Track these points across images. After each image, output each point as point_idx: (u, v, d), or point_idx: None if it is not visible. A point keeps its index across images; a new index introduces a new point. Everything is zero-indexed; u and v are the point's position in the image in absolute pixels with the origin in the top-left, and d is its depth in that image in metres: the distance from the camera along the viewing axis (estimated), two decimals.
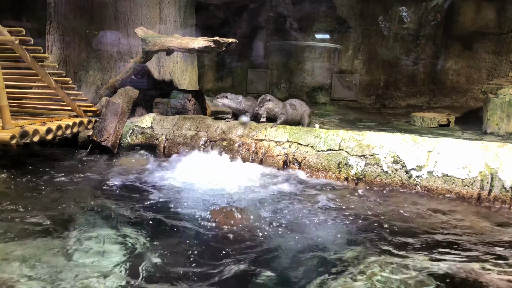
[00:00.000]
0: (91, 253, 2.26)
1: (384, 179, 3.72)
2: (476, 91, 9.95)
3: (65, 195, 3.23)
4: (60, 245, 2.33)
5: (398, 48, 10.83)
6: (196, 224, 2.71)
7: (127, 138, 4.79)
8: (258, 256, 2.28)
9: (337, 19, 11.14)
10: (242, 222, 2.77)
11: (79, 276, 2.01)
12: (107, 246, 2.36)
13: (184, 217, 2.83)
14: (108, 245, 2.37)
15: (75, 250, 2.28)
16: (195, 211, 2.94)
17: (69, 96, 4.54)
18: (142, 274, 2.06)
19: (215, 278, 2.04)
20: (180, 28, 6.26)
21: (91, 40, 5.57)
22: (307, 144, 4.11)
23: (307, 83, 11.56)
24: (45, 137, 4.03)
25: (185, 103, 5.19)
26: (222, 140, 4.45)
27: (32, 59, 3.98)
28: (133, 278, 2.02)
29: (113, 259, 2.21)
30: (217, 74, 12.04)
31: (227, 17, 11.43)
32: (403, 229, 2.75)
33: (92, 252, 2.27)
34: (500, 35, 9.78)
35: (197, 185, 3.56)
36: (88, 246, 2.34)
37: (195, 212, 2.91)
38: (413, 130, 6.78)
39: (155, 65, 5.87)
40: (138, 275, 2.05)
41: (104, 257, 2.23)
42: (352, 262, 2.23)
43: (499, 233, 2.75)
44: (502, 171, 3.40)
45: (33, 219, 2.67)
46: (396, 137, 3.90)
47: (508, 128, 6.13)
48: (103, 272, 2.06)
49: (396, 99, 10.96)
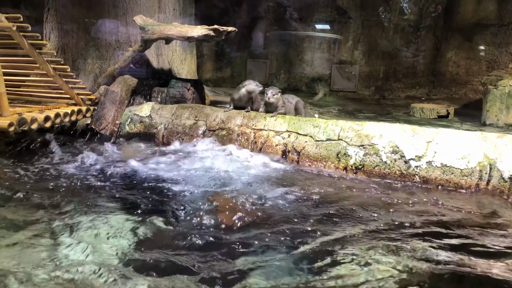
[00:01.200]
0: (83, 242, 2.27)
1: (383, 169, 3.72)
2: (475, 82, 9.93)
3: (60, 182, 3.22)
4: (52, 231, 2.33)
5: (398, 39, 10.78)
6: (194, 208, 2.72)
7: (126, 126, 4.78)
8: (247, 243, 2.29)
9: (337, 10, 11.07)
10: (239, 208, 2.77)
11: (73, 264, 2.01)
12: (100, 233, 2.36)
13: (182, 200, 2.84)
14: (101, 231, 2.37)
15: (67, 235, 2.28)
16: (193, 195, 2.94)
17: (67, 84, 4.52)
18: (136, 261, 2.07)
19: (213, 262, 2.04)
20: (179, 17, 6.21)
21: (90, 28, 5.53)
22: (306, 134, 4.10)
23: (307, 73, 11.52)
24: (43, 125, 4.02)
25: (184, 92, 5.17)
26: (221, 129, 4.44)
27: (30, 46, 3.95)
28: (126, 265, 2.03)
29: (106, 245, 2.21)
30: (216, 64, 11.98)
31: (226, 7, 11.35)
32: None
33: (84, 240, 2.28)
34: (501, 27, 9.74)
35: (191, 171, 3.56)
36: (79, 235, 2.33)
37: (193, 196, 2.91)
38: (412, 121, 6.77)
39: (154, 54, 5.84)
40: (132, 260, 2.06)
41: (96, 242, 2.23)
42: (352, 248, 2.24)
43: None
44: (500, 161, 3.40)
45: (24, 210, 2.67)
46: (395, 127, 3.89)
47: (507, 119, 6.13)
48: (96, 261, 2.07)
49: (395, 90, 10.93)
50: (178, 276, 1.94)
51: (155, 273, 1.95)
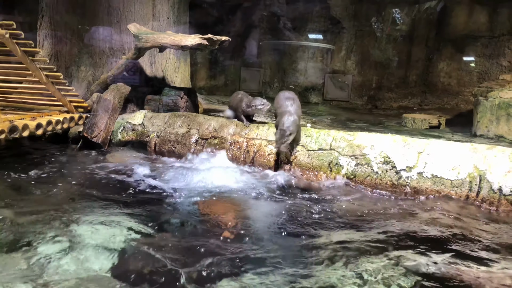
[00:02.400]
0: (76, 249, 2.25)
1: (374, 179, 3.74)
2: (467, 93, 10.05)
3: (52, 190, 3.21)
4: (44, 238, 2.31)
5: (390, 49, 10.89)
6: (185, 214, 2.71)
7: (118, 134, 4.77)
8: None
9: (331, 20, 11.17)
10: (231, 213, 2.77)
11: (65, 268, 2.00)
12: (92, 239, 2.35)
13: (174, 207, 2.83)
14: (93, 238, 2.36)
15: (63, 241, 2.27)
16: (184, 201, 2.94)
17: (60, 92, 4.51)
18: (130, 265, 2.06)
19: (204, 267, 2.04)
20: (173, 26, 6.23)
21: (83, 36, 5.53)
22: (298, 144, 4.11)
23: (300, 82, 11.58)
24: (35, 132, 4.00)
25: (177, 100, 5.17)
26: (214, 138, 4.45)
27: (22, 53, 3.94)
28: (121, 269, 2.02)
29: (99, 251, 2.20)
30: (210, 72, 12.01)
31: (221, 15, 11.41)
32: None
33: (78, 247, 2.26)
34: (491, 39, 9.88)
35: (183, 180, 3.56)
36: (72, 241, 2.32)
37: (184, 202, 2.91)
38: (404, 131, 6.82)
39: (147, 62, 5.85)
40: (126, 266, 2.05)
41: (89, 248, 2.22)
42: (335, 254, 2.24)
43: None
44: (490, 173, 3.43)
45: (16, 215, 2.65)
46: (386, 138, 3.92)
47: (497, 130, 6.20)
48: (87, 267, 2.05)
49: (388, 100, 11.02)
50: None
51: (142, 284, 1.95)
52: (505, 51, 9.67)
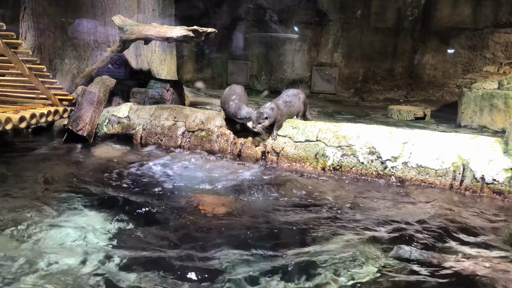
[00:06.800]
0: (63, 241, 2.24)
1: (360, 170, 3.78)
2: (452, 85, 10.15)
3: (34, 184, 3.17)
4: (28, 233, 2.30)
5: (377, 42, 10.95)
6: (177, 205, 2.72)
7: (104, 127, 4.73)
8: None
9: (318, 12, 11.17)
10: (220, 206, 2.78)
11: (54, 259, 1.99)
12: (76, 233, 2.34)
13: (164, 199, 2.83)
14: (78, 231, 2.35)
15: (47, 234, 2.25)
16: (174, 194, 2.94)
17: (43, 84, 4.45)
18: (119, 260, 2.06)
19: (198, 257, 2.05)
20: (158, 18, 6.18)
21: (67, 28, 5.45)
22: (285, 135, 4.13)
23: (287, 75, 11.59)
24: (18, 125, 3.94)
25: (163, 92, 5.14)
26: (201, 130, 4.44)
27: (4, 45, 3.87)
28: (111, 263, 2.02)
29: (87, 245, 2.20)
30: (196, 65, 11.94)
31: (206, 8, 11.33)
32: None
33: (65, 239, 2.25)
34: (475, 31, 9.99)
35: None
36: (57, 234, 2.31)
37: (175, 195, 2.91)
38: (390, 122, 6.88)
39: (132, 54, 5.79)
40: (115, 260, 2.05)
41: (76, 241, 2.21)
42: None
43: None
44: (473, 162, 3.49)
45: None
46: (372, 129, 3.96)
47: (480, 121, 6.29)
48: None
49: (374, 93, 11.09)
50: (160, 272, 1.94)
51: (137, 270, 1.95)
52: (489, 43, 9.78)
